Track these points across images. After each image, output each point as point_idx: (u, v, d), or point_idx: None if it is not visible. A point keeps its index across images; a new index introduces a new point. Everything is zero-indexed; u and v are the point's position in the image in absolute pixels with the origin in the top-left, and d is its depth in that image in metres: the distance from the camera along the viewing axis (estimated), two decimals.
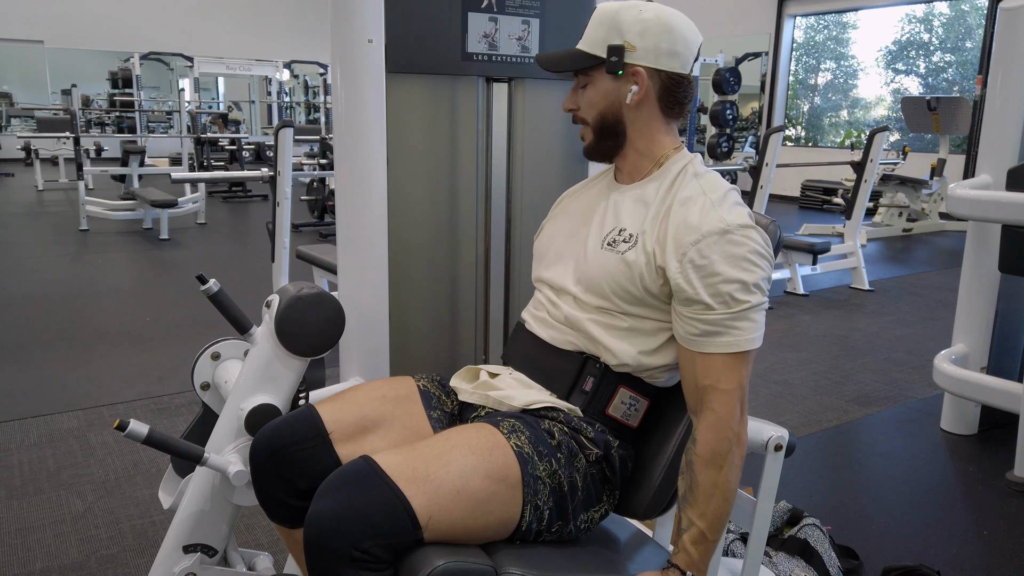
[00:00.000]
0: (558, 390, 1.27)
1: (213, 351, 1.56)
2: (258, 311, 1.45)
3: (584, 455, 1.20)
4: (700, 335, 1.15)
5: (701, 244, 1.14)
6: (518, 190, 1.78)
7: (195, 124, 9.17)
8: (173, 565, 1.41)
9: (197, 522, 1.42)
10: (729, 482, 1.13)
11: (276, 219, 3.50)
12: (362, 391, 1.33)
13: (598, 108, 1.26)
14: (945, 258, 7.04)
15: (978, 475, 2.73)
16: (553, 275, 1.33)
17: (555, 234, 1.39)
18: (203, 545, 1.43)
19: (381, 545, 1.03)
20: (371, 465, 1.08)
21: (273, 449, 1.24)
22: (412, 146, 1.65)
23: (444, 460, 1.10)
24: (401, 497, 1.05)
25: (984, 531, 2.36)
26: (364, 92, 1.54)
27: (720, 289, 1.13)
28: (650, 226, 1.21)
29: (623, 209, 1.28)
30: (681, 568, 1.12)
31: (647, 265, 1.18)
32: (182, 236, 7.03)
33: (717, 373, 1.14)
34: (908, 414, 3.30)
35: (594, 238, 1.28)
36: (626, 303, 1.22)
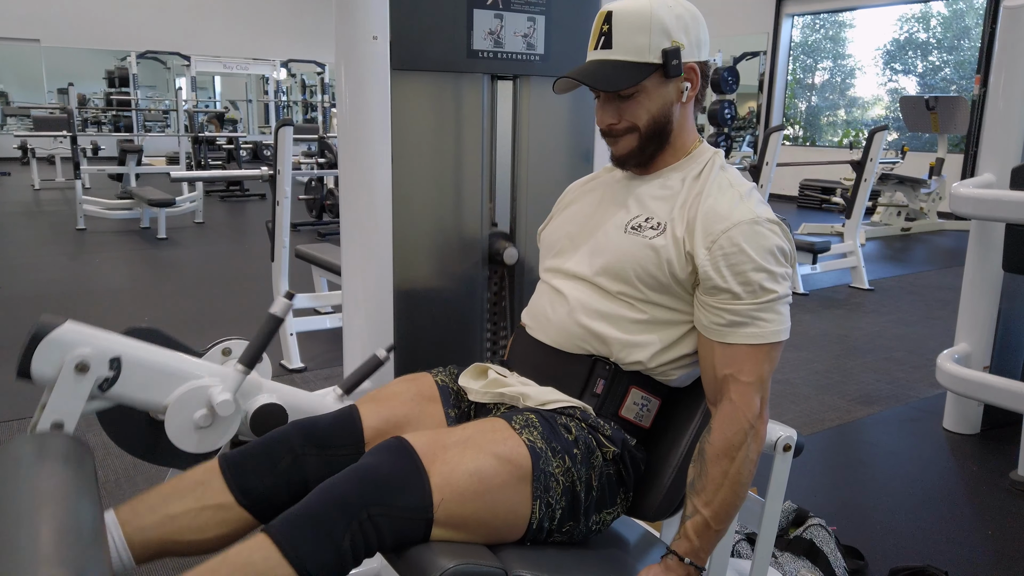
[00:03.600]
0: (568, 394, 1.25)
1: (225, 347, 1.54)
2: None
3: (601, 452, 1.19)
4: (725, 325, 1.14)
5: (731, 232, 1.14)
6: (523, 188, 1.76)
7: (193, 123, 9.13)
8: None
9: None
10: (740, 475, 1.12)
11: (276, 218, 3.48)
12: (394, 391, 1.33)
13: (651, 113, 1.22)
14: (944, 257, 7.04)
15: (982, 475, 2.72)
16: (567, 263, 1.31)
17: (566, 223, 1.37)
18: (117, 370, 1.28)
19: (389, 519, 1.02)
20: (402, 442, 1.10)
21: (316, 442, 1.21)
22: (416, 144, 1.64)
23: (462, 446, 1.10)
24: (423, 473, 1.06)
25: (989, 531, 2.35)
26: (368, 89, 1.53)
27: (749, 278, 1.12)
28: (679, 213, 1.20)
29: (647, 196, 1.27)
30: (679, 555, 1.11)
31: (676, 252, 1.18)
32: (180, 235, 7.00)
33: (738, 364, 1.14)
34: (910, 413, 3.30)
35: (615, 223, 1.27)
36: (650, 289, 1.21)
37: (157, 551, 1.14)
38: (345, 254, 1.64)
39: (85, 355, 1.21)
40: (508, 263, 1.73)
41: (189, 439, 1.31)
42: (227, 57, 12.96)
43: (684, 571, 1.11)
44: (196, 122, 9.34)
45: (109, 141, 12.65)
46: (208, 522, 1.15)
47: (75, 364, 1.20)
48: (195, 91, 13.31)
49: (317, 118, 14.35)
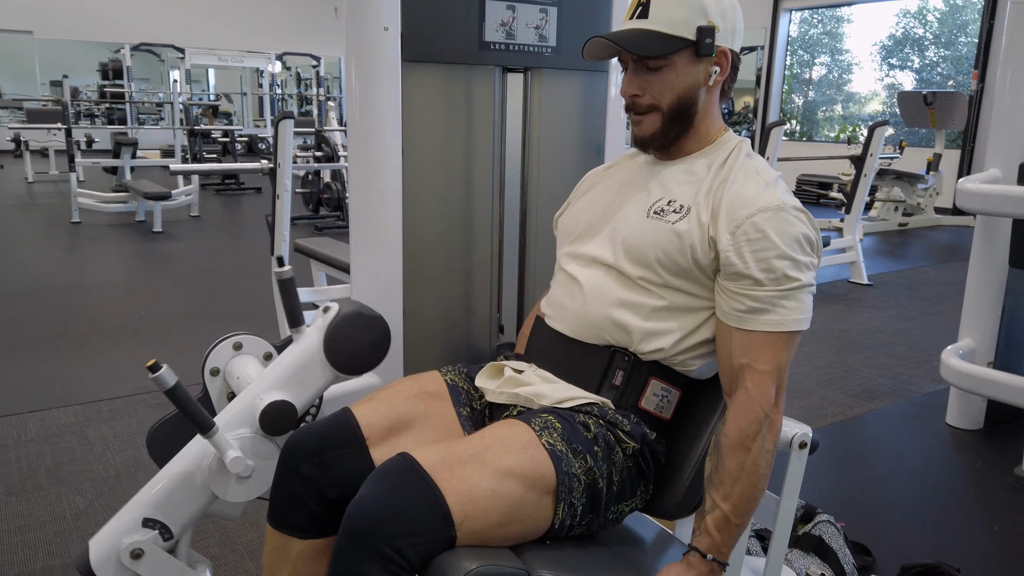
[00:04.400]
0: (587, 386, 1.23)
1: (236, 341, 1.51)
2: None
3: (621, 449, 1.17)
4: (745, 311, 1.13)
5: (756, 218, 1.12)
6: (533, 182, 1.74)
7: (188, 116, 9.07)
8: (125, 533, 1.35)
9: (169, 498, 1.35)
10: (757, 466, 1.10)
11: (276, 212, 3.45)
12: (395, 390, 1.30)
13: (676, 92, 1.20)
14: (941, 252, 7.05)
15: (986, 470, 2.72)
16: (585, 247, 1.29)
17: (585, 209, 1.35)
18: (163, 524, 1.36)
19: (414, 544, 1.00)
20: (409, 462, 1.06)
21: (311, 453, 1.21)
22: (427, 137, 1.61)
23: (479, 460, 1.07)
24: (438, 494, 1.03)
25: (995, 527, 2.35)
26: (379, 81, 1.51)
27: (773, 264, 1.11)
28: (704, 199, 1.19)
29: (671, 181, 1.25)
30: (701, 551, 1.10)
31: (700, 237, 1.16)
32: (176, 229, 6.96)
33: (756, 352, 1.12)
34: (913, 409, 3.29)
35: (637, 207, 1.25)
36: (671, 274, 1.19)
37: None
38: (354, 248, 1.62)
39: (133, 543, 1.26)
40: None
41: (249, 490, 1.31)
42: (222, 50, 12.88)
43: (706, 568, 1.09)
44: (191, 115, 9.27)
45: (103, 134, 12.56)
46: (305, 570, 1.23)
47: (130, 554, 1.26)
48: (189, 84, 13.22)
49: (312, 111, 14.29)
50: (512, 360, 1.36)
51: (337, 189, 7.10)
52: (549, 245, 1.78)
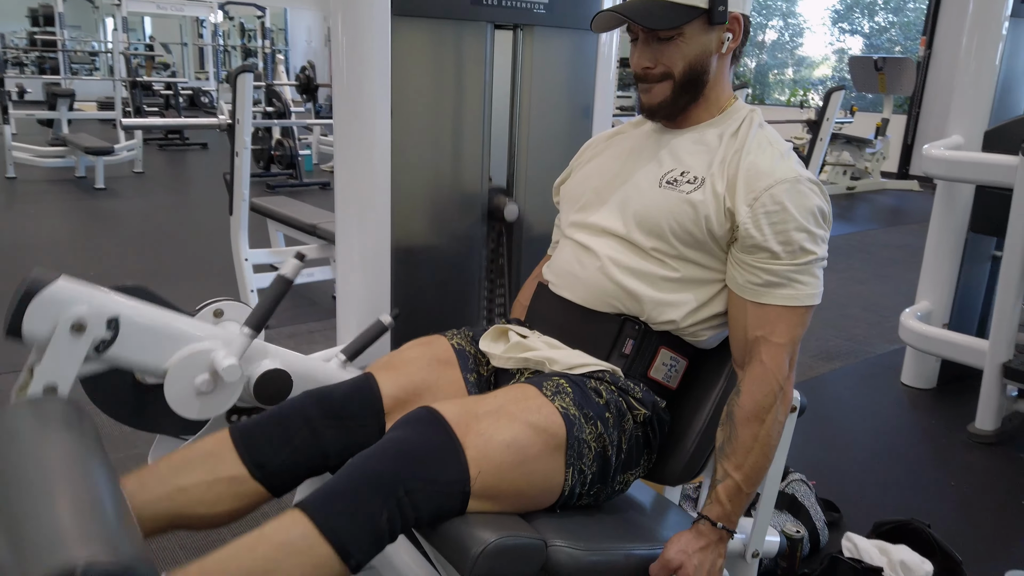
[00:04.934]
0: (596, 353, 1.22)
1: (216, 308, 1.46)
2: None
3: (632, 415, 1.17)
4: (762, 285, 1.13)
5: (774, 190, 1.11)
6: (521, 142, 1.70)
7: (129, 67, 8.65)
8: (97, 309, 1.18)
9: (148, 331, 1.20)
10: (770, 437, 1.12)
11: (235, 170, 3.32)
12: (410, 357, 1.27)
13: (688, 60, 1.18)
14: (888, 216, 7.24)
15: (941, 428, 2.82)
16: (593, 217, 1.27)
17: (591, 176, 1.32)
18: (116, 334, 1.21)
19: (429, 494, 0.99)
20: (434, 414, 1.05)
21: (332, 412, 1.16)
22: (416, 95, 1.56)
23: (495, 415, 1.07)
24: (457, 445, 1.02)
25: (952, 482, 2.45)
26: (368, 34, 1.44)
27: (791, 237, 1.10)
28: (718, 169, 1.17)
29: (681, 151, 1.23)
30: (712, 520, 1.11)
31: (716, 208, 1.15)
32: (119, 185, 6.67)
33: (771, 325, 1.12)
34: (869, 369, 3.40)
35: (648, 177, 1.23)
36: (684, 245, 1.18)
37: (166, 524, 1.09)
38: (340, 209, 1.56)
39: (82, 314, 1.12)
40: (508, 220, 1.68)
41: (190, 405, 1.24)
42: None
43: (716, 535, 1.10)
44: (131, 66, 8.85)
45: (35, 84, 11.92)
46: (221, 495, 1.10)
47: (71, 324, 1.12)
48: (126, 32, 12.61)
49: (257, 64, 13.78)
50: (514, 325, 1.33)
51: (290, 146, 6.90)
52: (538, 209, 1.75)
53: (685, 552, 1.08)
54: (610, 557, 1.07)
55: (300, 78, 7.56)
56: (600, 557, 1.05)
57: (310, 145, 8.46)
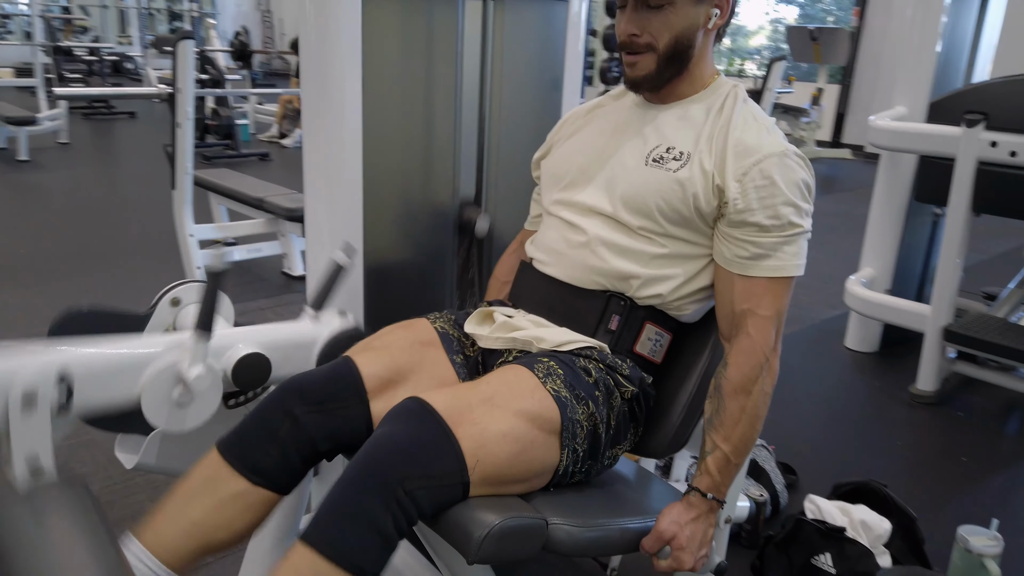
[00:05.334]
0: (582, 330, 1.22)
1: (173, 297, 1.40)
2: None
3: (620, 392, 1.18)
4: (749, 258, 1.14)
5: (763, 164, 1.12)
6: (495, 116, 1.67)
7: (50, 31, 8.17)
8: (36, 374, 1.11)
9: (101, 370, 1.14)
10: (758, 408, 1.14)
11: (176, 142, 3.19)
12: (391, 339, 1.24)
13: (674, 32, 1.17)
14: (824, 184, 7.43)
15: (885, 389, 2.94)
16: (580, 195, 1.26)
17: (574, 152, 1.31)
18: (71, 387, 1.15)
19: (428, 488, 0.98)
20: (423, 405, 1.03)
21: (313, 400, 1.13)
22: (386, 66, 1.51)
23: (489, 404, 1.05)
24: (451, 436, 1.00)
25: (898, 442, 2.56)
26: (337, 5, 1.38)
27: (779, 211, 1.11)
28: (705, 146, 1.17)
29: (666, 127, 1.22)
30: (702, 491, 1.13)
31: (704, 185, 1.15)
32: (44, 157, 6.34)
33: (757, 297, 1.14)
34: (814, 334, 3.50)
35: (633, 154, 1.22)
36: (671, 223, 1.18)
37: (194, 559, 1.09)
38: (309, 187, 1.51)
39: (27, 385, 1.06)
40: (479, 235, 1.66)
41: (177, 420, 1.20)
42: None
43: (707, 506, 1.12)
44: (52, 29, 8.37)
45: None
46: (232, 515, 1.09)
47: (20, 401, 1.05)
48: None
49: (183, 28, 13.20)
50: (497, 306, 1.32)
51: (226, 115, 6.66)
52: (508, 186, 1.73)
53: (677, 523, 1.10)
54: (606, 532, 1.08)
55: (234, 44, 7.30)
56: (596, 533, 1.06)
57: (246, 114, 8.20)
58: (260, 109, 8.56)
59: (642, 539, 1.11)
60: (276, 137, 7.88)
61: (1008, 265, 4.07)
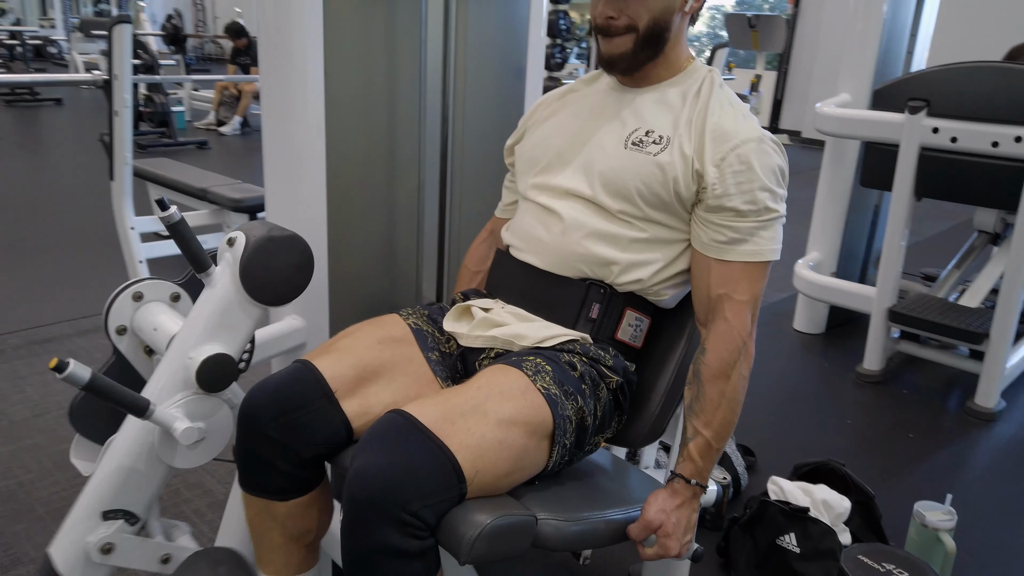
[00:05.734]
0: (562, 320, 1.21)
1: (135, 291, 1.34)
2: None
3: (605, 384, 1.17)
4: (726, 242, 1.15)
5: (740, 149, 1.12)
6: (459, 105, 1.64)
7: None
8: (87, 532, 1.23)
9: (123, 485, 1.24)
10: (736, 392, 1.15)
11: (115, 131, 3.05)
12: (354, 338, 1.21)
13: (653, 14, 1.16)
14: None
15: (833, 370, 3.03)
16: (557, 179, 1.24)
17: (550, 136, 1.29)
18: (125, 512, 1.26)
19: (429, 506, 0.95)
20: (408, 420, 0.99)
21: (277, 413, 1.10)
22: (348, 54, 1.47)
23: (481, 411, 1.02)
24: (447, 452, 0.97)
25: (848, 420, 2.64)
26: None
27: (756, 196, 1.12)
28: (684, 130, 1.17)
29: (644, 110, 1.22)
30: (686, 477, 1.13)
31: (684, 169, 1.15)
32: None
33: (734, 282, 1.14)
34: (763, 316, 3.58)
35: (612, 137, 1.22)
36: (651, 207, 1.18)
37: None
38: (269, 177, 1.46)
39: (101, 540, 1.19)
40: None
41: (206, 451, 1.21)
42: None
43: (691, 492, 1.13)
44: None
45: None
46: (295, 525, 1.19)
47: (100, 550, 1.19)
48: None
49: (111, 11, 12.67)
50: (474, 298, 1.30)
51: (160, 102, 6.43)
52: (473, 174, 1.70)
53: (663, 511, 1.10)
54: (592, 525, 1.07)
55: (167, 28, 7.04)
56: (582, 526, 1.06)
57: (181, 101, 7.93)
58: (196, 96, 8.29)
59: (628, 528, 1.11)
60: (214, 125, 7.65)
61: (943, 246, 4.23)
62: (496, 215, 1.47)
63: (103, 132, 3.16)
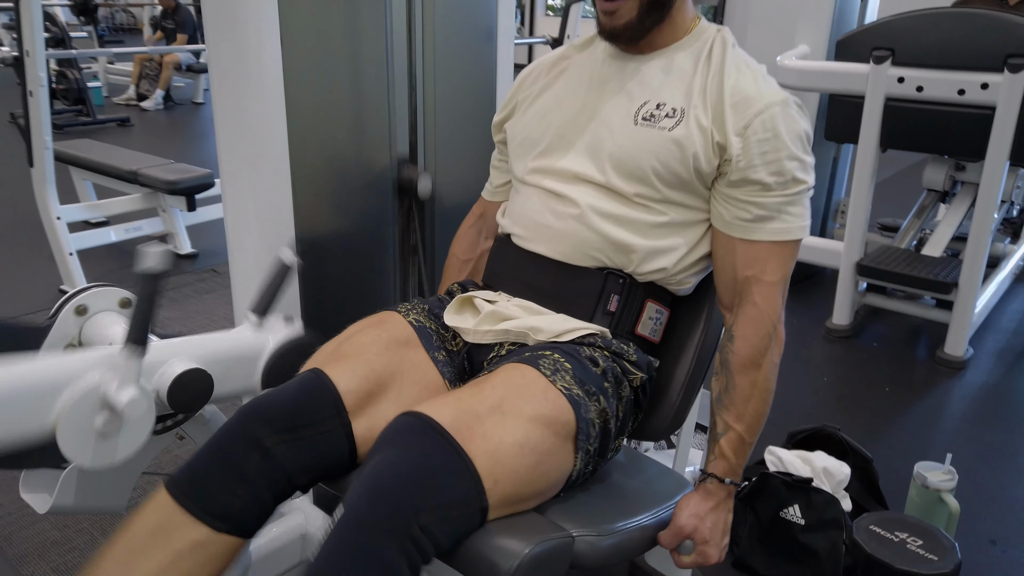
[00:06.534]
0: (578, 314, 1.09)
1: (78, 305, 1.17)
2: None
3: (628, 380, 1.07)
4: (751, 220, 1.04)
5: (765, 115, 1.01)
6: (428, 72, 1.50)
7: None
8: None
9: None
10: (768, 382, 1.06)
11: (30, 112, 2.79)
12: (364, 343, 1.06)
13: None
14: None
15: (803, 327, 3.01)
16: (562, 161, 1.12)
17: (547, 113, 1.16)
18: None
19: (445, 520, 0.84)
20: (425, 420, 0.88)
21: (283, 427, 0.95)
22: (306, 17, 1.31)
23: (499, 412, 0.91)
24: (463, 455, 0.86)
25: (824, 378, 2.62)
26: None
27: (784, 167, 1.01)
28: (699, 99, 1.05)
29: (652, 80, 1.09)
30: (719, 476, 1.05)
31: (704, 144, 1.03)
32: None
33: (762, 263, 1.04)
34: None
35: (619, 113, 1.09)
36: (669, 187, 1.06)
37: None
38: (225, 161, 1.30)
39: None
40: (422, 197, 1.49)
41: (102, 454, 0.99)
42: None
43: (725, 492, 1.04)
44: None
45: None
46: (192, 568, 0.91)
47: None
48: None
49: None
50: (472, 290, 1.17)
51: (75, 78, 6.00)
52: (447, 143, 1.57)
53: (697, 515, 1.02)
54: (626, 535, 0.98)
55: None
56: (617, 539, 0.96)
57: (97, 76, 7.44)
58: (112, 69, 7.80)
59: (658, 535, 1.02)
60: (134, 99, 7.22)
61: (888, 193, 4.25)
62: (484, 197, 1.34)
63: (15, 113, 2.88)
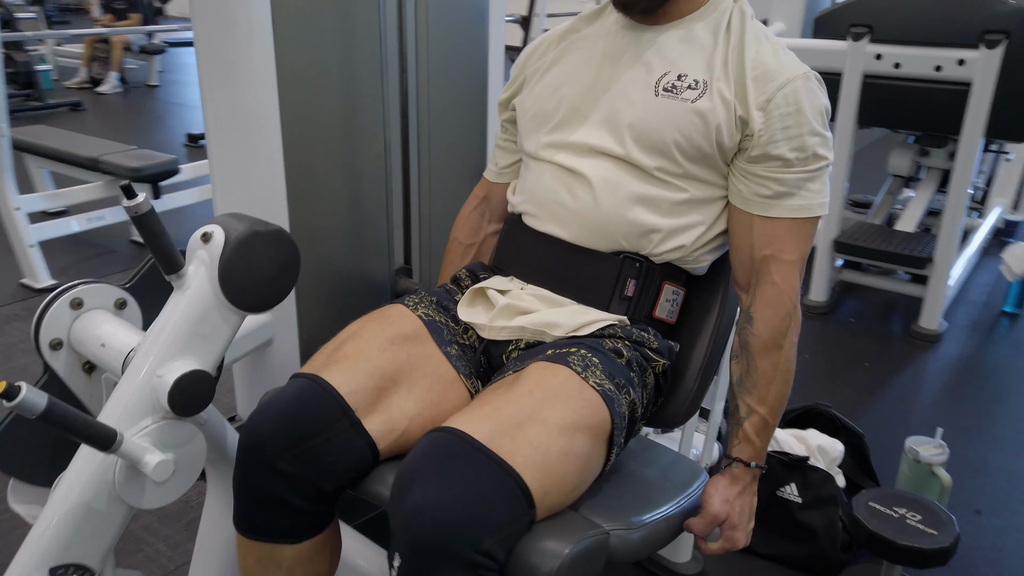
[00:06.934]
0: (594, 301, 1.07)
1: (73, 298, 1.11)
2: None
3: (652, 368, 1.05)
4: (771, 196, 1.02)
5: (787, 89, 0.99)
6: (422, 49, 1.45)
7: None
8: None
9: (75, 536, 1.04)
10: (790, 362, 1.05)
11: None
12: (362, 341, 1.03)
13: None
14: None
15: None
16: (576, 135, 1.08)
17: (559, 86, 1.12)
18: (78, 566, 1.06)
19: (501, 540, 0.82)
20: (464, 439, 0.84)
21: (290, 443, 0.92)
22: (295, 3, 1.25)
23: (540, 419, 0.88)
24: (513, 474, 0.83)
25: (806, 355, 2.65)
26: None
27: (805, 142, 0.99)
28: (721, 71, 1.02)
29: (671, 51, 1.06)
30: (745, 461, 1.04)
31: (727, 117, 1.01)
32: None
33: (781, 241, 1.03)
34: None
35: (637, 84, 1.06)
36: (690, 161, 1.04)
37: None
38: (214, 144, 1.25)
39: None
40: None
41: (176, 487, 1.00)
42: None
43: (751, 476, 1.04)
44: None
45: None
46: (308, 571, 1.02)
47: None
48: None
49: None
50: (482, 275, 1.14)
51: (23, 60, 5.76)
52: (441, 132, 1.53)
53: (727, 502, 1.01)
54: (654, 527, 0.96)
55: None
56: (646, 531, 0.95)
57: (44, 58, 7.16)
58: (61, 51, 7.52)
59: (687, 523, 1.01)
60: (86, 83, 6.97)
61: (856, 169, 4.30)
62: (488, 179, 1.30)
63: None
